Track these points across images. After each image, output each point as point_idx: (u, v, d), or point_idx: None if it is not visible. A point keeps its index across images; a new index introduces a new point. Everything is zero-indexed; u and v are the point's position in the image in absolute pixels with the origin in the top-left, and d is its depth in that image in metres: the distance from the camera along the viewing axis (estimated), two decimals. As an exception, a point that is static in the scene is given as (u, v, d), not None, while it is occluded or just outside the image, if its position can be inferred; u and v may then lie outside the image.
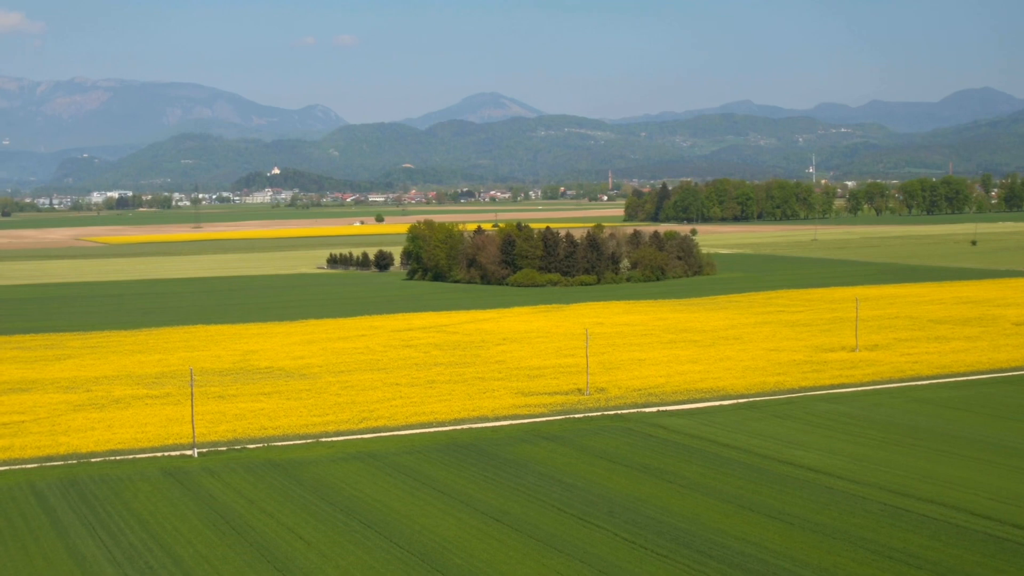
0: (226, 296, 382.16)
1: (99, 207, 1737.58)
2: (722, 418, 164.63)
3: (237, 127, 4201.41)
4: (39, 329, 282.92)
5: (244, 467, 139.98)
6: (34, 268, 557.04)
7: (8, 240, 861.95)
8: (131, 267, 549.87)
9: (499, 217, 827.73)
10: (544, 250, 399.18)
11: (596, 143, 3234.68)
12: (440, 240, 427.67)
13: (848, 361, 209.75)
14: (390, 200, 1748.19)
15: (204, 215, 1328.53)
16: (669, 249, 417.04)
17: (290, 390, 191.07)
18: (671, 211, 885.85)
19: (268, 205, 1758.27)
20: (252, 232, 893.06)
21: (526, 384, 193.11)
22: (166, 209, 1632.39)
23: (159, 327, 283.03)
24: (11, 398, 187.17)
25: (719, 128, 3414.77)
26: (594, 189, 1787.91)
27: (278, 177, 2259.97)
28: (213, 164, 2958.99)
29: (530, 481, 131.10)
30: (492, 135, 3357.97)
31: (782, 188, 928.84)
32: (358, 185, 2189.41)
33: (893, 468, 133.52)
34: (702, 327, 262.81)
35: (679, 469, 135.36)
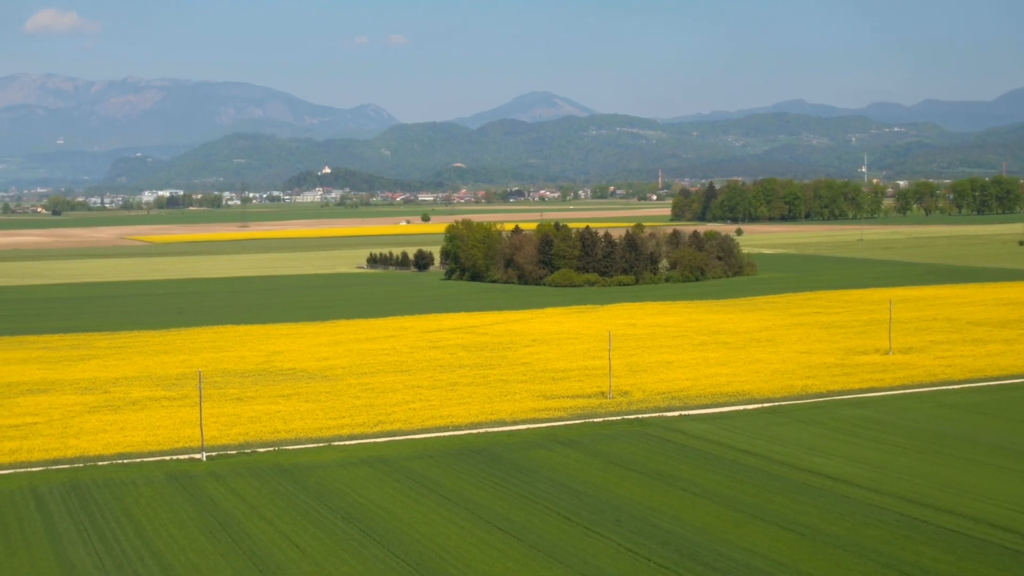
0: (262, 296, 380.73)
1: (149, 206, 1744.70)
2: (744, 423, 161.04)
3: (290, 127, 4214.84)
4: (68, 329, 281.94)
5: (251, 472, 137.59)
6: (75, 267, 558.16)
7: (54, 239, 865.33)
8: (172, 266, 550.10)
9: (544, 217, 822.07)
10: (582, 250, 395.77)
11: (648, 142, 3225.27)
12: (478, 240, 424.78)
13: (880, 364, 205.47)
14: (439, 199, 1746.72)
15: (252, 214, 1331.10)
16: (709, 249, 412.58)
17: (310, 392, 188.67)
18: (718, 211, 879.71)
19: (317, 204, 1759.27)
20: (297, 231, 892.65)
21: (549, 387, 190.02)
22: (215, 208, 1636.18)
23: (189, 327, 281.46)
24: (27, 399, 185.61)
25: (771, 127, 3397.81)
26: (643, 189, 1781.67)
27: (329, 176, 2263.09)
28: (265, 163, 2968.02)
29: (540, 488, 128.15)
30: (543, 134, 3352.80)
31: (830, 188, 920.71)
32: (408, 184, 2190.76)
33: (913, 476, 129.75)
34: (735, 328, 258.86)
35: (693, 476, 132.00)
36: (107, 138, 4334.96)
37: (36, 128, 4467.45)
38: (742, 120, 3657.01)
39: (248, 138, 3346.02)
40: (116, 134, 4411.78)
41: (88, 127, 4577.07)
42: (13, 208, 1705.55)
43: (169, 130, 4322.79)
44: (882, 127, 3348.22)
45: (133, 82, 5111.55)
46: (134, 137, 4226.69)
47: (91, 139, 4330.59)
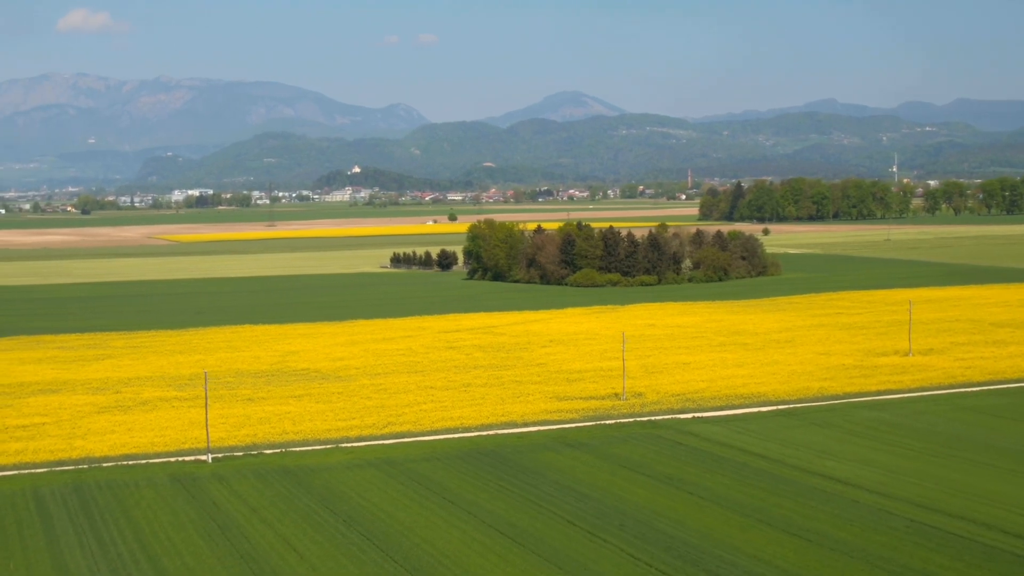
0: (282, 295, 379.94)
1: (179, 205, 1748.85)
2: (758, 425, 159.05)
3: (320, 126, 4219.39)
4: (85, 328, 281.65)
5: (255, 474, 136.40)
6: (100, 266, 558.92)
7: (81, 238, 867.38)
8: (196, 266, 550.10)
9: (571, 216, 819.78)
10: (604, 250, 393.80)
11: (678, 142, 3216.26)
12: (500, 240, 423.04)
13: (899, 366, 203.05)
14: (468, 199, 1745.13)
15: (281, 213, 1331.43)
16: (732, 249, 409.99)
17: (322, 393, 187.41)
18: (745, 210, 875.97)
19: (346, 204, 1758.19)
20: (323, 231, 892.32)
21: (563, 388, 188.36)
22: (245, 207, 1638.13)
23: (206, 327, 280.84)
24: (37, 399, 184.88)
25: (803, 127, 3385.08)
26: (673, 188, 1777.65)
27: (359, 176, 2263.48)
28: (295, 163, 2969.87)
29: (545, 491, 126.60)
30: (573, 134, 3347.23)
31: (858, 187, 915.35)
32: (438, 184, 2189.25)
33: (926, 480, 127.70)
34: (755, 329, 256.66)
35: (702, 480, 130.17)
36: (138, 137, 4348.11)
37: (68, 127, 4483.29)
38: (773, 120, 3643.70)
39: (278, 137, 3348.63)
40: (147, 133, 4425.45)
41: (119, 126, 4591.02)
42: (43, 207, 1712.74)
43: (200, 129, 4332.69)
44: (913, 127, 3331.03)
45: (164, 82, 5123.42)
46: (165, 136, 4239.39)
47: (122, 138, 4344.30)
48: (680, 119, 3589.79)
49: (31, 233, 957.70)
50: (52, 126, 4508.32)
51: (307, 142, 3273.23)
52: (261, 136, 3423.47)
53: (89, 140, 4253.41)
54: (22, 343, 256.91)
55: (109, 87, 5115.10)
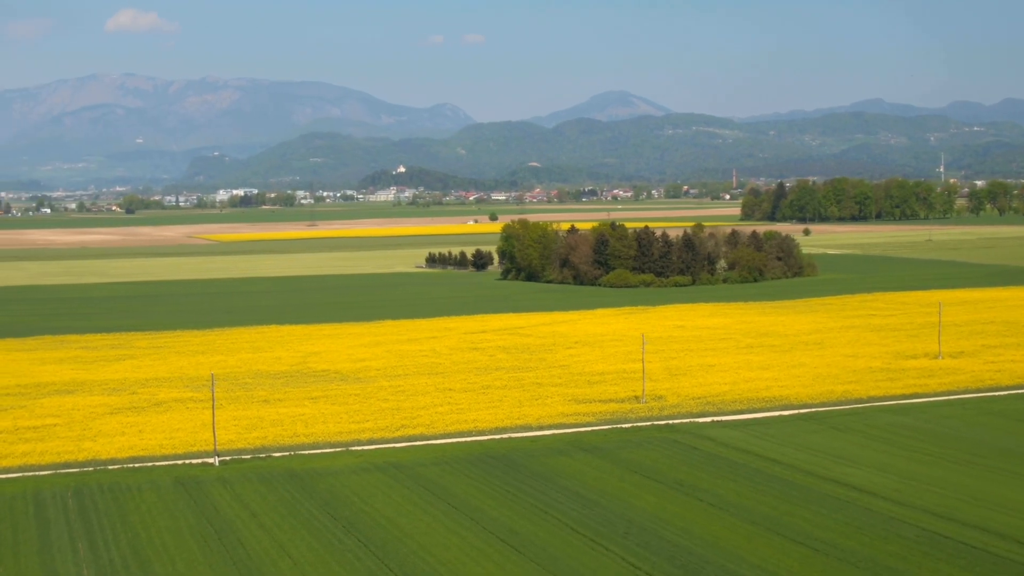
0: (314, 295, 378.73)
1: (223, 205, 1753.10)
2: (776, 430, 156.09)
3: (366, 126, 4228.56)
4: (111, 328, 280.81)
5: (260, 477, 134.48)
6: (137, 265, 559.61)
7: (122, 237, 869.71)
8: (233, 265, 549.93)
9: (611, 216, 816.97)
10: (638, 250, 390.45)
11: (724, 141, 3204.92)
12: (533, 239, 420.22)
13: (927, 369, 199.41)
14: (511, 199, 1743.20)
15: (323, 213, 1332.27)
16: (768, 250, 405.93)
17: (339, 394, 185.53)
18: (788, 210, 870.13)
19: (389, 204, 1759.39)
20: (363, 231, 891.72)
21: (583, 391, 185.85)
22: (288, 207, 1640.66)
23: (232, 327, 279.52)
24: (52, 400, 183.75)
25: (849, 127, 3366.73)
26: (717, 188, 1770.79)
27: (403, 175, 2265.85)
28: (341, 162, 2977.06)
29: (552, 497, 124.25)
30: (619, 133, 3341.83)
31: (901, 187, 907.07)
32: (482, 184, 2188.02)
33: (943, 488, 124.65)
34: (785, 331, 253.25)
35: (713, 486, 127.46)
36: (185, 137, 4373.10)
37: (116, 127, 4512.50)
38: (820, 119, 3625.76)
39: (324, 137, 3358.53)
40: (194, 133, 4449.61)
41: (167, 126, 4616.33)
42: (88, 206, 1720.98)
43: (246, 129, 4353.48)
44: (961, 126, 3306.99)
45: (211, 82, 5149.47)
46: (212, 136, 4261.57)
47: (169, 138, 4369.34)
48: (726, 119, 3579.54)
49: (72, 232, 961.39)
50: (100, 126, 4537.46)
51: (353, 142, 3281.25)
52: (307, 136, 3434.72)
53: (137, 140, 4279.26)
54: (46, 343, 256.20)
55: (156, 87, 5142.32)
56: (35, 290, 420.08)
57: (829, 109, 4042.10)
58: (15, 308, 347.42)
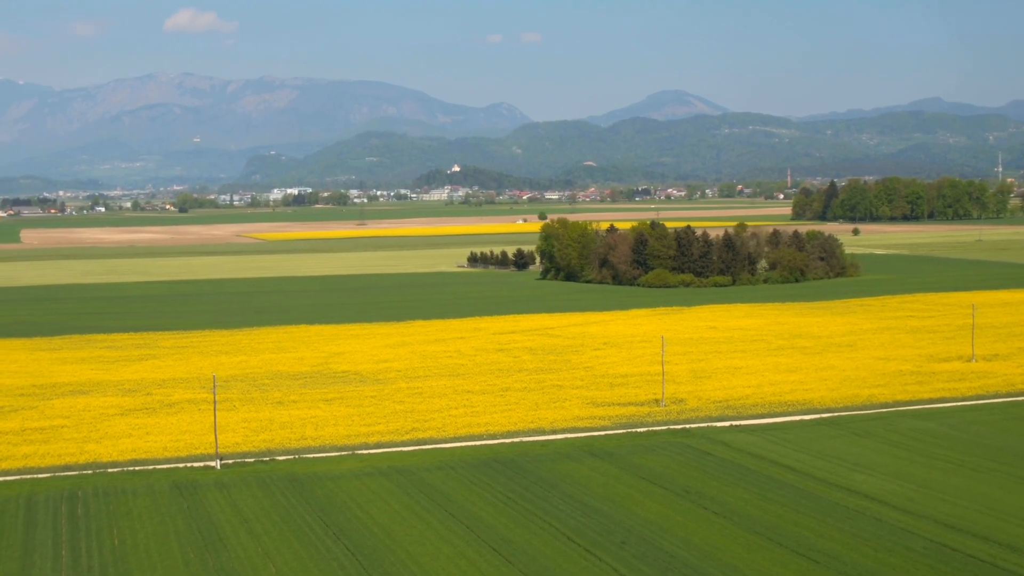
0: (350, 295, 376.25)
1: (276, 204, 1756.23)
2: (795, 435, 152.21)
3: (422, 125, 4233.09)
4: (139, 327, 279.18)
5: (259, 482, 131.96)
6: (179, 264, 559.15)
7: (171, 236, 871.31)
8: (275, 264, 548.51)
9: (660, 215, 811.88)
10: (677, 250, 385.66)
11: (780, 141, 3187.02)
12: (573, 239, 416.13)
13: (958, 372, 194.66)
14: (564, 198, 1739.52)
15: (374, 212, 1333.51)
16: (810, 250, 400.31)
17: (354, 396, 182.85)
18: (839, 210, 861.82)
19: (442, 203, 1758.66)
20: (410, 230, 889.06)
21: (604, 393, 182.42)
22: (341, 206, 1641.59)
23: (260, 327, 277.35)
24: (64, 401, 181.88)
25: (907, 126, 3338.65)
26: (771, 188, 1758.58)
27: (458, 175, 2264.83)
28: (397, 162, 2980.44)
29: (553, 504, 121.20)
30: (675, 133, 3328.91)
31: (954, 187, 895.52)
32: (537, 183, 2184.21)
33: (958, 497, 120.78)
34: (819, 332, 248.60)
35: (721, 493, 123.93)
36: (242, 136, 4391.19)
37: (173, 126, 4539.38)
38: (877, 118, 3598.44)
39: (380, 136, 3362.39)
40: (251, 132, 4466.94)
41: (224, 126, 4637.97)
42: (143, 205, 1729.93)
43: (303, 128, 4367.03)
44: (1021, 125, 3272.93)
45: (269, 81, 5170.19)
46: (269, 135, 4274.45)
47: (227, 137, 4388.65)
48: (783, 118, 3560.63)
49: (122, 231, 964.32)
50: (158, 125, 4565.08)
51: (408, 141, 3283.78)
52: (363, 135, 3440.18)
53: (194, 139, 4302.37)
54: (72, 342, 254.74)
55: (214, 87, 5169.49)
56: (74, 289, 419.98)
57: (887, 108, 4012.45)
58: (50, 307, 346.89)
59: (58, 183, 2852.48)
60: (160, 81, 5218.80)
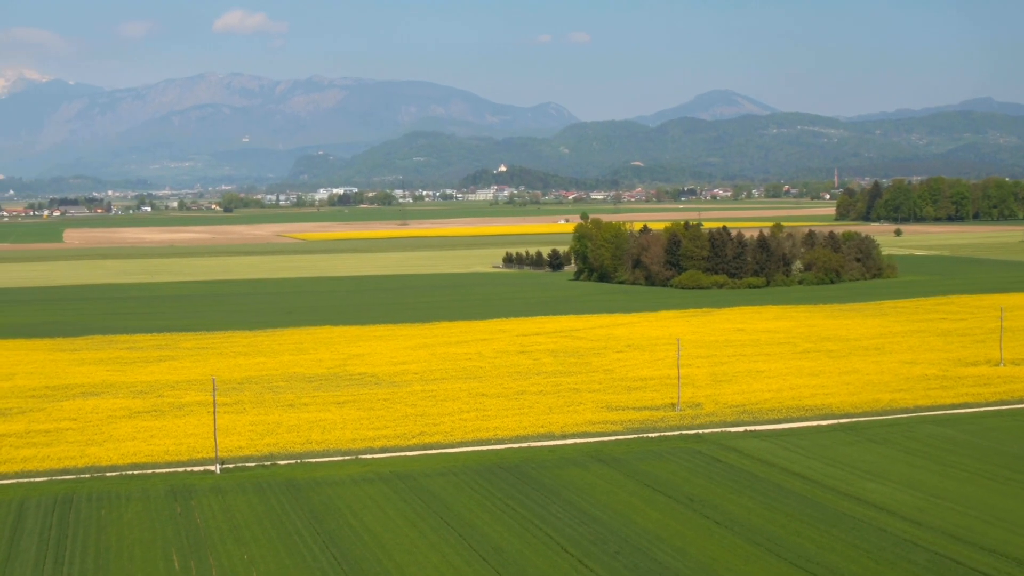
0: (381, 295, 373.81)
1: (321, 203, 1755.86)
2: (810, 441, 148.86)
3: (470, 125, 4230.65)
4: (163, 328, 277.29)
5: (257, 487, 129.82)
6: (215, 264, 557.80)
7: (211, 236, 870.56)
8: (311, 264, 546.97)
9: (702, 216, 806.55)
10: (711, 251, 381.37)
11: (829, 141, 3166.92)
12: (606, 239, 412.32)
13: (983, 377, 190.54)
14: (609, 198, 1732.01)
15: (418, 212, 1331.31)
16: (846, 251, 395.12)
17: (367, 399, 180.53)
18: (882, 210, 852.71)
19: (486, 203, 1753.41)
20: (451, 230, 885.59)
21: (620, 397, 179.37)
22: (385, 206, 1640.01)
23: (284, 328, 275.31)
24: (74, 403, 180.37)
25: (957, 126, 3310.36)
26: (817, 188, 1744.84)
27: (504, 175, 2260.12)
28: (444, 162, 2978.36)
29: (552, 512, 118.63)
30: (723, 133, 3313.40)
31: (1000, 187, 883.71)
32: (583, 183, 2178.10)
33: (968, 507, 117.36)
34: (847, 335, 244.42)
35: (725, 502, 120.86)
36: (291, 136, 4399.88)
37: (222, 126, 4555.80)
38: (927, 118, 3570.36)
39: (428, 136, 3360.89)
40: (300, 132, 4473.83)
41: (272, 125, 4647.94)
42: (188, 205, 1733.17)
43: (352, 128, 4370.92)
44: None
45: (317, 81, 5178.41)
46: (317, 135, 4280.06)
47: (275, 137, 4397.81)
48: (832, 118, 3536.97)
49: (164, 231, 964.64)
50: (207, 125, 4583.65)
51: (456, 141, 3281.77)
52: (411, 135, 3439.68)
53: (243, 139, 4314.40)
54: (94, 343, 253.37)
55: (263, 87, 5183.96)
56: (107, 289, 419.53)
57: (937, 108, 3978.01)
58: (79, 307, 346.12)
59: (107, 183, 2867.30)
60: (209, 81, 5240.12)
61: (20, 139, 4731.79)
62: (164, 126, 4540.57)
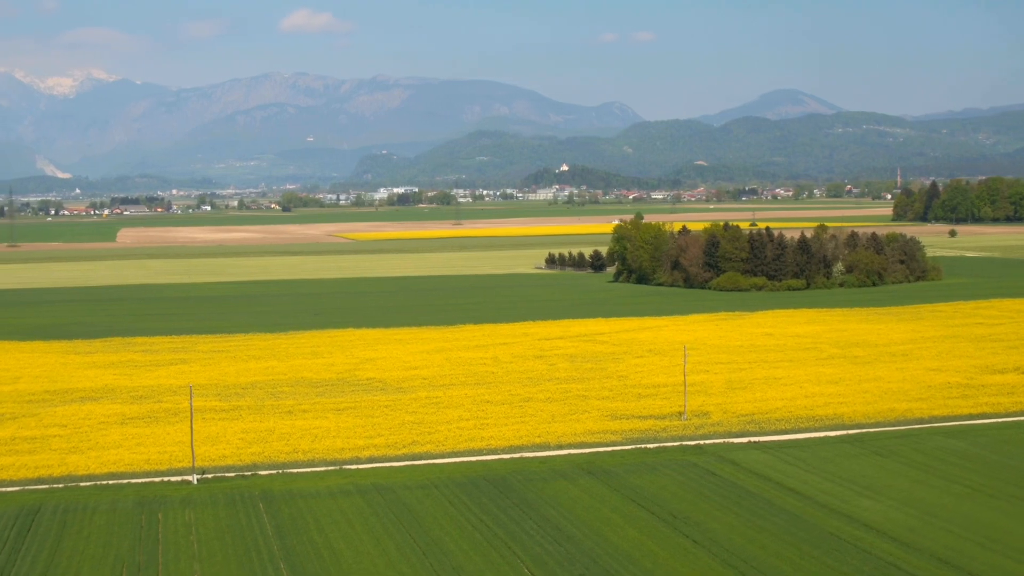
0: (413, 297, 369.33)
1: (381, 203, 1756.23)
2: (813, 453, 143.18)
3: (534, 124, 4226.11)
4: (183, 330, 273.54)
5: (228, 500, 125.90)
6: (257, 264, 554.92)
7: (262, 235, 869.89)
8: (354, 264, 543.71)
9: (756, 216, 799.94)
10: (750, 252, 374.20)
11: (894, 140, 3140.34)
12: (644, 240, 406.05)
13: (1008, 386, 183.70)
14: (669, 198, 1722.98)
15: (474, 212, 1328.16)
16: (889, 252, 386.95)
17: (367, 406, 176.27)
18: (940, 211, 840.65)
19: (545, 203, 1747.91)
20: (503, 230, 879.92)
21: (628, 405, 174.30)
22: (444, 205, 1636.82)
23: (306, 330, 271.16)
24: (69, 408, 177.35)
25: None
26: (879, 188, 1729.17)
27: (566, 174, 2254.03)
28: (507, 161, 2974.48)
29: (526, 528, 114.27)
30: (788, 132, 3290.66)
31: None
32: (645, 182, 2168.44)
33: (964, 527, 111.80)
34: (876, 340, 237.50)
35: (708, 519, 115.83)
36: (355, 136, 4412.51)
37: (287, 126, 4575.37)
38: (994, 117, 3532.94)
39: (492, 136, 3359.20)
40: (364, 132, 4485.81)
41: (337, 125, 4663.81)
42: (248, 204, 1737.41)
43: (415, 128, 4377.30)
44: None
45: (381, 81, 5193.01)
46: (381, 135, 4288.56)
47: (340, 136, 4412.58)
48: (898, 117, 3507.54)
49: (217, 230, 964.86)
50: (272, 124, 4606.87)
51: (520, 140, 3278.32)
52: (475, 134, 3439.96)
53: (307, 138, 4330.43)
54: (111, 345, 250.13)
55: (327, 86, 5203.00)
56: (143, 289, 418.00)
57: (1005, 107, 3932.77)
58: (110, 307, 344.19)
59: (173, 181, 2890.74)
60: (275, 81, 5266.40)
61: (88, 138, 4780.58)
62: (229, 125, 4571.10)
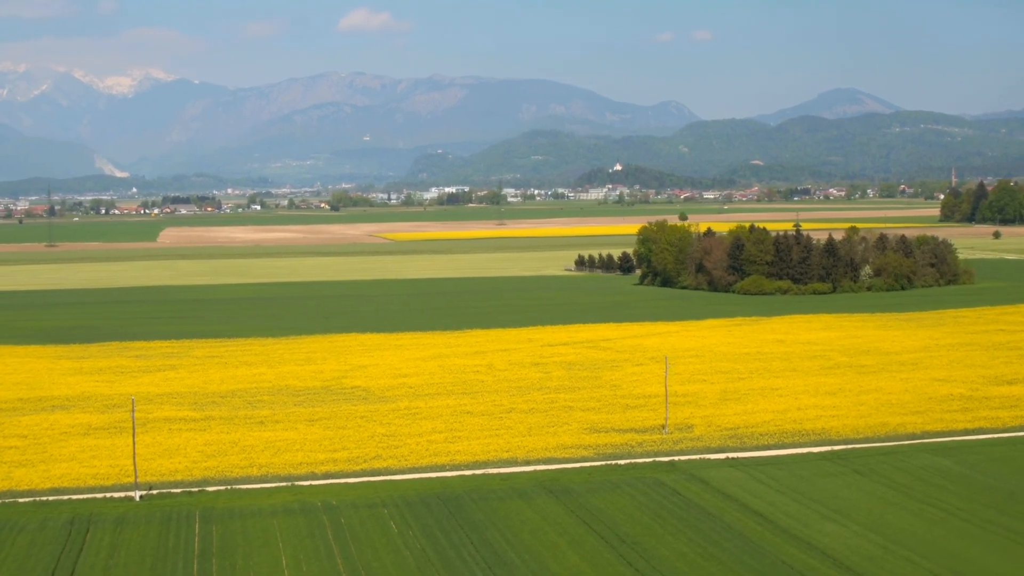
0: (431, 300, 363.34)
1: (431, 202, 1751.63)
2: (789, 471, 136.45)
3: (590, 124, 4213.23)
4: (185, 334, 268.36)
5: (164, 518, 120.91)
6: (285, 265, 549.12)
7: (303, 235, 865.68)
8: (384, 266, 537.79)
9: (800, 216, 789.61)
10: (775, 255, 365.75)
11: (952, 139, 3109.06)
12: (669, 243, 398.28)
13: (1012, 398, 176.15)
14: (720, 197, 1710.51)
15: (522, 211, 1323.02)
16: (919, 255, 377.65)
17: (342, 416, 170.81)
18: (987, 212, 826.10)
19: (595, 203, 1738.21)
20: (544, 230, 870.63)
21: (612, 417, 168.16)
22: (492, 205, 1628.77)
23: (308, 335, 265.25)
24: (36, 418, 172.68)
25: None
26: (933, 188, 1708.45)
27: (619, 174, 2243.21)
28: (562, 160, 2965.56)
29: (462, 554, 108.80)
30: (845, 131, 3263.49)
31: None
32: (699, 182, 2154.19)
33: (927, 556, 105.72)
34: (889, 348, 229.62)
35: (659, 545, 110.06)
36: (411, 135, 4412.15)
37: (343, 125, 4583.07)
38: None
39: (547, 135, 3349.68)
40: (420, 131, 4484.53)
41: (393, 124, 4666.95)
42: (297, 204, 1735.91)
43: (471, 127, 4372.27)
44: None
45: (438, 80, 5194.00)
46: (437, 134, 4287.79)
47: (396, 136, 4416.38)
48: (956, 116, 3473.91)
49: (259, 230, 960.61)
50: (328, 124, 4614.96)
51: (575, 139, 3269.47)
52: (530, 134, 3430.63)
53: (364, 137, 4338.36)
54: (105, 350, 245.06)
55: (384, 86, 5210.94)
56: (162, 291, 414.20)
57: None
58: (119, 310, 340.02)
59: (229, 180, 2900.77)
60: (332, 80, 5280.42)
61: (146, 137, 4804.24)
62: (286, 125, 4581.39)
